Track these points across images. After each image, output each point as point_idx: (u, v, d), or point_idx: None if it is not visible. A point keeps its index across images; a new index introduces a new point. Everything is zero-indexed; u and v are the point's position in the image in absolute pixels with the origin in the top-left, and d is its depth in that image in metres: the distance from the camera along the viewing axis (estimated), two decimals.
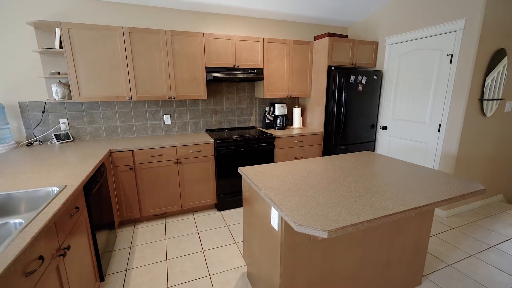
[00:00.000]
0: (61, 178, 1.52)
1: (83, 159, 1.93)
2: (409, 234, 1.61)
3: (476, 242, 2.26)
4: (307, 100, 3.49)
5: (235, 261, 2.02)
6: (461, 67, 2.40)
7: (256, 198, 1.50)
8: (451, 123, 2.53)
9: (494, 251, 2.14)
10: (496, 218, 2.69)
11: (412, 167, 1.71)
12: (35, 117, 2.52)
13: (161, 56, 2.57)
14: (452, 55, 2.46)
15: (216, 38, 2.73)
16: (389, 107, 3.17)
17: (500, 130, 2.78)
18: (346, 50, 3.09)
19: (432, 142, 2.73)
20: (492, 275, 1.86)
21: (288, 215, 1.05)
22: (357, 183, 1.42)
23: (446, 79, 2.53)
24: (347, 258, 1.43)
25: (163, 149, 2.49)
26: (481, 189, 1.34)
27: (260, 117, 3.50)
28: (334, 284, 1.43)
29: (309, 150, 3.20)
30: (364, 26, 3.45)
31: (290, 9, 3.04)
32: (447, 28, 2.46)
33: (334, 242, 1.36)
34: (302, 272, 1.31)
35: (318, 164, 1.78)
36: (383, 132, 3.30)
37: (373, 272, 1.54)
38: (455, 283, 1.78)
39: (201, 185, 2.73)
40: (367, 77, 3.08)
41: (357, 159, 1.92)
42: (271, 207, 1.27)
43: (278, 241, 1.24)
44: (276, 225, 1.24)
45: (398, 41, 2.96)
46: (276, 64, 3.07)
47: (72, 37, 2.26)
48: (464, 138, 2.51)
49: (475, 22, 2.25)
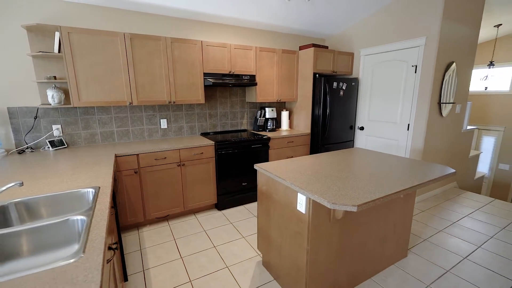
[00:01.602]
0: (87, 181, 1.55)
1: (95, 164, 1.93)
2: (398, 214, 1.95)
3: (442, 220, 2.73)
4: (293, 104, 3.79)
5: (248, 253, 2.18)
6: (423, 76, 2.90)
7: (276, 190, 1.70)
8: (418, 122, 3.02)
9: (456, 226, 2.62)
10: (454, 201, 3.24)
11: (396, 158, 2.07)
12: (25, 123, 2.40)
13: (161, 62, 2.64)
14: (416, 66, 2.95)
15: (213, 46, 2.89)
16: (365, 109, 3.61)
17: (453, 128, 3.37)
18: (327, 59, 3.46)
19: (403, 139, 3.20)
20: (457, 244, 2.29)
21: (320, 197, 1.28)
22: (362, 171, 1.70)
23: (412, 86, 3.01)
24: (355, 236, 1.70)
25: (167, 152, 2.55)
26: (453, 171, 1.71)
27: (251, 120, 3.71)
28: (345, 257, 1.68)
29: (298, 149, 3.48)
30: (340, 38, 3.88)
31: (279, 21, 3.33)
32: (411, 44, 2.95)
33: (346, 222, 1.62)
34: (323, 248, 1.54)
35: (322, 159, 2.04)
36: (361, 132, 3.73)
37: (373, 247, 1.84)
38: (431, 253, 2.17)
39: (202, 186, 2.83)
40: (346, 83, 3.49)
41: (352, 154, 2.23)
42: (298, 193, 1.48)
43: (305, 223, 1.46)
44: (303, 209, 1.45)
45: (371, 53, 3.42)
46: (267, 71, 3.31)
47: (72, 42, 2.24)
48: (428, 135, 3.01)
49: (434, 39, 2.76)
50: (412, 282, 1.83)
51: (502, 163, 5.18)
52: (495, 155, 5.25)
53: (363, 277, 1.83)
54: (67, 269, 0.77)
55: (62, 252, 1.07)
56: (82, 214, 1.10)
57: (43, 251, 1.05)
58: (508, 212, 2.91)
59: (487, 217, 2.79)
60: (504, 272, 1.92)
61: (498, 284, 1.81)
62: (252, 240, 2.37)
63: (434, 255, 2.14)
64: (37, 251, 1.05)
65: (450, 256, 2.13)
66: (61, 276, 0.74)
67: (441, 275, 1.90)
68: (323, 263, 1.57)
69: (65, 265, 0.78)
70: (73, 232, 1.10)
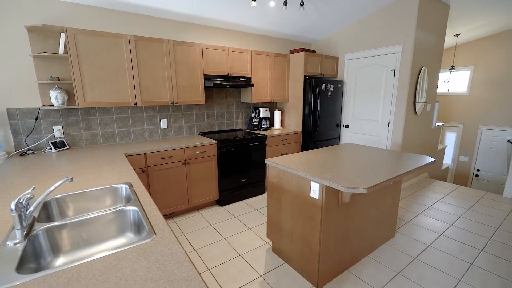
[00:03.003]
0: (114, 178, 1.63)
1: (109, 163, 1.99)
2: (388, 199, 2.25)
3: (420, 205, 3.13)
4: (284, 104, 4.03)
5: (257, 242, 2.35)
6: (401, 79, 3.28)
7: (288, 181, 1.90)
8: (397, 120, 3.40)
9: (431, 209, 3.02)
10: (427, 189, 3.69)
11: (384, 151, 2.38)
12: (25, 125, 2.35)
13: (164, 64, 2.72)
14: (394, 70, 3.33)
15: (213, 49, 3.02)
16: (350, 109, 3.96)
17: (424, 124, 3.83)
18: (316, 63, 3.75)
19: (384, 135, 3.57)
20: (434, 223, 2.67)
21: (334, 183, 1.50)
22: (361, 163, 1.96)
23: (391, 87, 3.39)
24: (356, 219, 1.95)
25: (173, 151, 2.64)
26: (433, 160, 2.04)
27: (245, 120, 3.88)
28: (349, 238, 1.93)
29: (291, 146, 3.72)
30: (325, 44, 4.20)
31: (273, 27, 3.54)
32: (390, 50, 3.32)
33: (350, 206, 1.87)
34: (332, 229, 1.77)
35: (323, 153, 2.28)
36: (346, 130, 4.07)
37: (370, 228, 2.11)
38: (414, 232, 2.51)
39: (205, 183, 2.95)
40: (333, 85, 3.80)
41: (346, 148, 2.51)
42: (311, 182, 1.69)
43: (319, 207, 1.67)
44: (316, 195, 1.67)
45: (355, 58, 3.77)
46: (261, 73, 3.51)
47: (78, 43, 2.25)
48: (405, 131, 3.41)
49: (409, 47, 3.15)
50: (402, 256, 2.14)
51: (462, 156, 5.88)
52: (457, 148, 5.94)
53: (362, 254, 2.10)
54: (149, 246, 0.90)
55: (121, 240, 1.17)
56: (130, 205, 1.21)
57: (102, 240, 1.15)
58: (470, 196, 3.40)
59: (455, 201, 3.25)
60: (472, 243, 2.31)
61: (469, 253, 2.18)
62: (258, 230, 2.55)
63: (416, 233, 2.49)
64: (97, 240, 1.14)
65: (429, 233, 2.48)
66: (148, 251, 0.87)
67: (424, 249, 2.23)
68: (332, 243, 1.80)
69: (145, 244, 0.91)
70: (125, 222, 1.20)
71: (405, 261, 2.08)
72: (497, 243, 2.31)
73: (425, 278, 1.88)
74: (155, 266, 0.79)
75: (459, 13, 3.83)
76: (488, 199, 3.28)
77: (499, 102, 5.18)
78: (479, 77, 5.39)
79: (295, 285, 1.82)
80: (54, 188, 1.10)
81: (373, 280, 1.86)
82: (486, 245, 2.28)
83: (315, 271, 1.78)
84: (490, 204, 3.14)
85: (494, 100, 5.24)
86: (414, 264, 2.04)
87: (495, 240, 2.37)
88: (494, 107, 5.26)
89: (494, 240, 2.37)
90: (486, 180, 5.54)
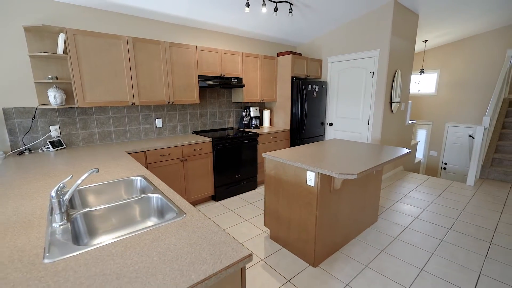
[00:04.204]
0: (126, 172, 1.73)
1: (114, 158, 2.07)
2: (371, 189, 2.52)
3: (397, 194, 3.47)
4: (273, 104, 4.24)
5: (255, 231, 2.53)
6: (379, 80, 3.62)
7: (286, 172, 2.10)
8: (375, 118, 3.74)
9: (407, 197, 3.38)
10: (402, 180, 4.07)
11: (367, 145, 2.66)
12: (21, 124, 2.35)
13: (160, 65, 2.81)
14: (373, 72, 3.66)
15: (206, 50, 3.15)
16: (333, 108, 4.26)
17: (399, 122, 4.22)
18: (302, 65, 4.00)
19: (364, 132, 3.90)
20: (410, 209, 3.01)
21: (329, 171, 1.72)
22: (347, 155, 2.21)
23: (371, 88, 3.72)
24: (345, 204, 2.20)
25: (171, 148, 2.74)
26: (409, 151, 2.34)
27: (236, 119, 4.04)
28: (340, 222, 2.17)
29: (280, 143, 3.94)
30: (309, 47, 4.47)
31: (262, 30, 3.74)
32: (369, 54, 3.65)
33: (340, 194, 2.10)
34: (325, 214, 1.99)
35: (313, 148, 2.51)
36: (330, 127, 4.37)
37: (357, 213, 2.37)
38: (393, 216, 2.82)
39: (202, 179, 3.07)
40: (318, 86, 4.08)
41: (333, 143, 2.76)
42: (307, 171, 1.90)
43: (314, 194, 1.89)
44: (312, 183, 1.88)
45: (337, 60, 4.07)
46: (251, 74, 3.69)
47: (78, 43, 2.30)
48: (383, 128, 3.76)
49: (385, 51, 3.49)
50: (385, 237, 2.42)
51: (432, 150, 6.46)
52: (427, 144, 6.52)
53: (351, 236, 2.35)
54: (183, 222, 1.05)
55: (147, 224, 1.30)
56: (152, 193, 1.34)
57: (130, 225, 1.27)
58: (439, 185, 3.82)
59: (427, 189, 3.64)
60: (442, 224, 2.65)
61: (439, 231, 2.51)
62: (255, 221, 2.72)
63: (395, 218, 2.80)
64: (125, 224, 1.26)
65: (406, 217, 2.80)
66: (185, 225, 1.02)
67: (403, 230, 2.53)
68: (326, 226, 2.02)
69: (180, 220, 1.06)
70: (149, 208, 1.33)
71: (387, 240, 2.36)
72: (462, 223, 2.67)
73: (404, 254, 2.16)
74: (195, 235, 0.95)
75: (427, 21, 4.28)
76: (454, 187, 3.71)
77: (462, 101, 5.78)
78: (445, 79, 5.98)
79: (294, 265, 2.02)
80: (84, 178, 1.21)
81: (361, 258, 2.11)
82: (453, 225, 2.63)
83: (311, 251, 1.99)
84: (456, 191, 3.56)
85: (458, 100, 5.84)
86: (395, 242, 2.33)
87: (460, 220, 2.73)
88: (458, 106, 5.86)
89: (459, 220, 2.73)
90: (453, 172, 6.14)
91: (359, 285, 1.81)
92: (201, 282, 0.71)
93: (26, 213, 1.12)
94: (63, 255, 0.81)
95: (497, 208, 3.01)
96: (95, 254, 0.82)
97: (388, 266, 2.01)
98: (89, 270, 0.75)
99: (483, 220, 2.73)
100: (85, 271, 0.75)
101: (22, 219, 1.07)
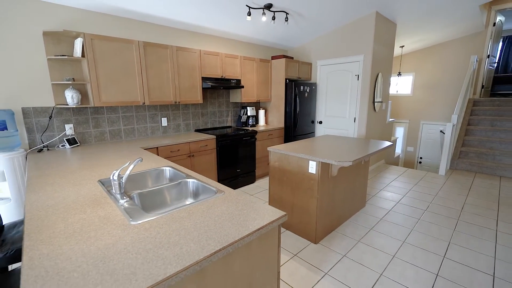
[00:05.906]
0: (152, 164, 1.95)
1: (131, 154, 2.27)
2: (360, 178, 2.89)
3: (380, 184, 3.90)
4: (268, 104, 4.54)
5: None
6: (363, 82, 4.03)
7: (289, 162, 2.40)
8: (361, 116, 4.15)
9: (390, 185, 3.81)
10: (384, 172, 4.53)
11: (356, 139, 3.03)
12: (39, 123, 2.47)
13: (168, 67, 3.02)
14: (358, 75, 4.07)
15: (209, 54, 3.39)
16: (323, 108, 4.63)
17: (381, 120, 4.68)
18: (294, 68, 4.34)
19: (351, 129, 4.31)
20: (392, 196, 3.43)
21: (329, 159, 2.04)
22: (340, 147, 2.55)
23: (356, 90, 4.13)
24: (340, 190, 2.54)
25: (180, 145, 2.96)
26: (391, 143, 2.73)
27: (234, 118, 4.29)
28: (335, 204, 2.51)
29: (275, 140, 4.25)
30: (299, 51, 4.83)
31: (259, 35, 4.03)
32: (354, 59, 4.06)
33: (336, 180, 2.44)
34: (324, 197, 2.32)
35: (308, 143, 2.84)
36: (320, 125, 4.75)
37: (349, 198, 2.73)
38: (378, 202, 3.22)
39: (206, 173, 3.30)
40: (309, 87, 4.43)
41: (326, 138, 3.10)
42: (309, 161, 2.22)
43: (315, 180, 2.21)
44: (314, 170, 2.20)
45: (326, 64, 4.45)
46: (249, 76, 3.97)
47: (95, 47, 2.46)
48: (368, 125, 4.18)
49: (369, 56, 3.90)
50: (372, 218, 2.79)
51: (409, 146, 7.07)
52: (405, 140, 7.12)
53: (344, 219, 2.70)
54: (224, 197, 1.31)
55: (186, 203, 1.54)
56: (187, 179, 1.59)
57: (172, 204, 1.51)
58: (416, 175, 4.31)
59: (406, 179, 4.10)
60: (419, 206, 3.08)
61: (417, 213, 2.93)
62: None
63: (380, 203, 3.20)
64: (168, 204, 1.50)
65: (389, 202, 3.21)
66: (227, 200, 1.28)
67: (387, 213, 2.93)
68: (325, 208, 2.35)
69: (221, 196, 1.32)
70: (186, 190, 1.58)
71: (375, 221, 2.73)
72: (435, 205, 3.12)
73: (389, 230, 2.54)
74: (239, 204, 1.22)
75: (403, 30, 4.77)
76: (429, 177, 4.21)
77: (434, 101, 6.41)
78: (419, 81, 6.59)
79: (298, 243, 2.33)
80: (134, 166, 1.43)
81: (354, 235, 2.46)
82: (428, 207, 3.07)
83: (313, 230, 2.31)
84: (430, 180, 4.06)
85: (430, 100, 6.47)
86: (381, 222, 2.71)
87: (434, 203, 3.18)
88: (431, 106, 6.48)
89: (433, 203, 3.18)
90: (427, 166, 6.77)
91: (354, 255, 2.15)
92: (257, 230, 0.99)
93: (88, 195, 1.33)
94: (144, 219, 1.05)
95: (464, 192, 3.51)
96: (168, 218, 1.07)
97: (376, 240, 2.37)
98: (171, 226, 1.01)
99: (452, 202, 3.19)
100: (168, 227, 1.00)
101: (88, 199, 1.28)
